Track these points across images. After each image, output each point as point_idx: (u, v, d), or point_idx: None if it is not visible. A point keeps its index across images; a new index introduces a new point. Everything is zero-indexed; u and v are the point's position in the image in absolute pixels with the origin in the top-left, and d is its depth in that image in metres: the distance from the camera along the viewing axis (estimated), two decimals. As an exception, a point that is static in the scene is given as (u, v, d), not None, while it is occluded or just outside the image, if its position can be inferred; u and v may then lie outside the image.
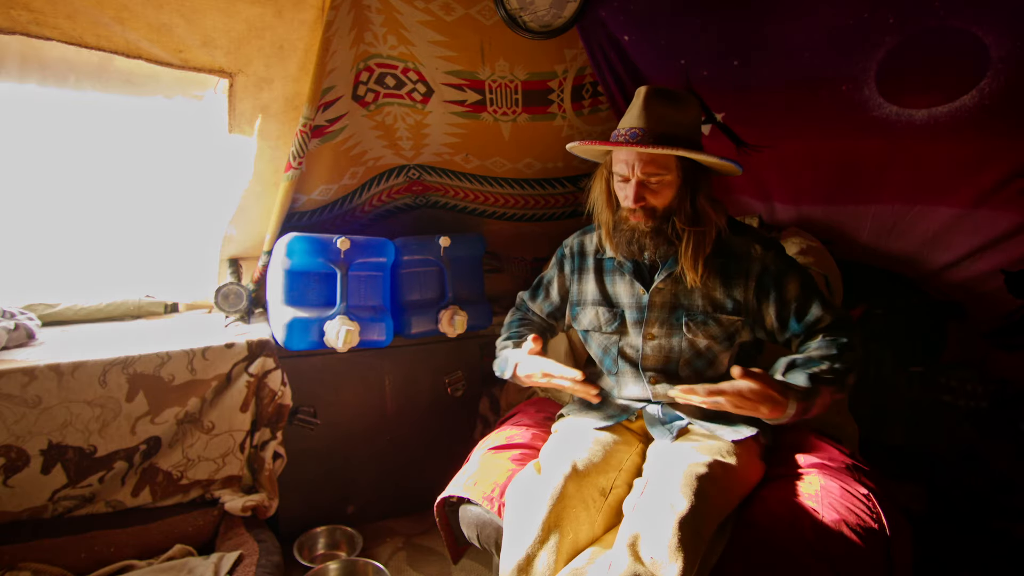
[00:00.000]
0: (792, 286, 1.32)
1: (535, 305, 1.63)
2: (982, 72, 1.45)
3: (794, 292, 1.32)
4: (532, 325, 1.62)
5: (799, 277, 1.33)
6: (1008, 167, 1.54)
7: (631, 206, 1.31)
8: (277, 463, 1.80)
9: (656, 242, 1.33)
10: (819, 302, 1.31)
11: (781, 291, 1.32)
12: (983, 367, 1.81)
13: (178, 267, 2.21)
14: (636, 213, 1.32)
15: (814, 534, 1.10)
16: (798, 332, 1.32)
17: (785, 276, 1.32)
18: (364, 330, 1.84)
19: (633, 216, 1.32)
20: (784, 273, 1.32)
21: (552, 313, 1.61)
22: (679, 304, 1.37)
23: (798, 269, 1.35)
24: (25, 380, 1.49)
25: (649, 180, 1.29)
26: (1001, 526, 1.74)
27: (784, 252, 1.37)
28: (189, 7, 1.59)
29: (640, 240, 1.33)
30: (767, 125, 1.80)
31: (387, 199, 2.40)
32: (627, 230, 1.35)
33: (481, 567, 1.83)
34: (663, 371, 1.38)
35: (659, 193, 1.31)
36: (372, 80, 1.97)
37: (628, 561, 1.00)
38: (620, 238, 1.37)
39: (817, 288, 1.33)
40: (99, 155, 2.00)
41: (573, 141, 1.42)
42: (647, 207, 1.31)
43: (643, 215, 1.31)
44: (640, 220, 1.32)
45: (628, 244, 1.35)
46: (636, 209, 1.31)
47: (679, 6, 1.72)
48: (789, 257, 1.37)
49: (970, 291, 1.78)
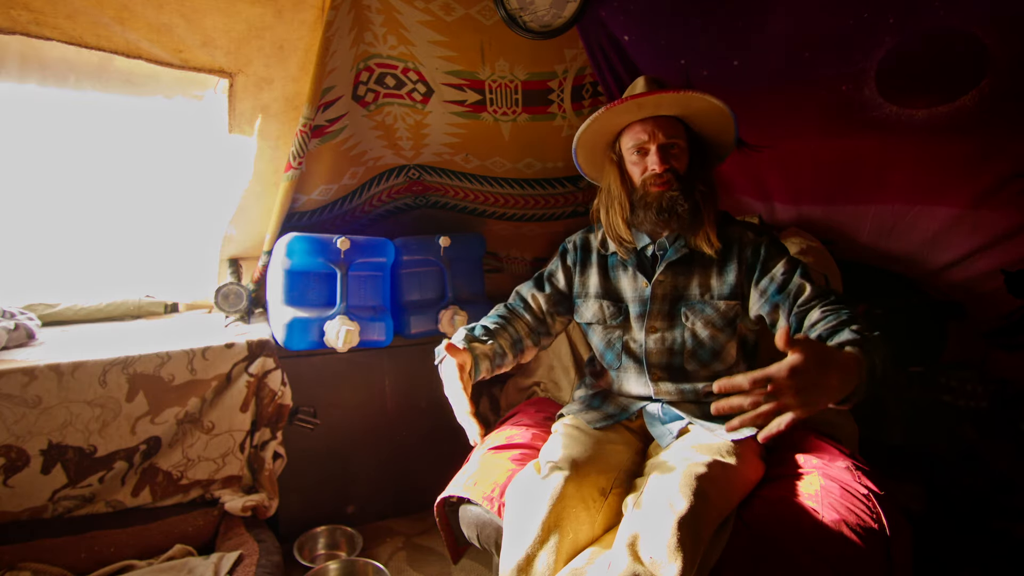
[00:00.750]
0: (779, 261, 1.32)
1: (536, 296, 1.53)
2: (982, 72, 1.45)
3: (784, 268, 1.31)
4: (508, 327, 1.47)
5: (787, 257, 1.33)
6: (1008, 167, 1.54)
7: (658, 169, 1.33)
8: (277, 463, 1.80)
9: (688, 206, 1.32)
10: (806, 279, 1.27)
11: (770, 268, 1.32)
12: (983, 367, 1.81)
13: (178, 267, 2.21)
14: (663, 177, 1.33)
15: (814, 534, 1.10)
16: (781, 301, 1.27)
17: (774, 256, 1.34)
18: (364, 330, 1.84)
19: (659, 182, 1.33)
20: (772, 256, 1.34)
21: (554, 303, 1.52)
22: (679, 295, 1.38)
23: (788, 253, 1.36)
24: (25, 380, 1.49)
25: (670, 144, 1.34)
26: (1001, 526, 1.74)
27: (777, 240, 1.39)
28: (189, 7, 1.59)
29: (671, 205, 1.32)
30: (767, 125, 1.80)
31: (387, 199, 2.40)
32: (654, 199, 1.34)
33: (481, 567, 1.83)
34: (667, 367, 1.39)
35: (679, 159, 1.35)
36: (372, 80, 1.97)
37: (627, 561, 1.00)
38: (646, 212, 1.35)
39: (808, 271, 1.30)
40: (99, 155, 2.00)
41: (573, 141, 1.43)
42: (672, 170, 1.34)
43: (671, 177, 1.33)
44: (668, 185, 1.33)
45: (659, 212, 1.34)
46: (663, 173, 1.33)
47: (679, 6, 1.72)
48: (782, 244, 1.39)
49: (970, 291, 1.78)
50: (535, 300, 1.53)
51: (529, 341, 1.49)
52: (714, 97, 1.30)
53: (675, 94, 1.31)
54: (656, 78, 1.43)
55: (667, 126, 1.35)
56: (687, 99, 1.32)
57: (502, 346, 1.41)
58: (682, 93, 1.30)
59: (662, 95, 1.31)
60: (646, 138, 1.35)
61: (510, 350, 1.43)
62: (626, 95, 1.37)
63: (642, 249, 1.44)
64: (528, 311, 1.53)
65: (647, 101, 1.33)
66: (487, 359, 1.35)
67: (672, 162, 1.34)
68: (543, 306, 1.52)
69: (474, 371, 1.29)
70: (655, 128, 1.34)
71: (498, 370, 1.40)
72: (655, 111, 1.36)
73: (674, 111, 1.36)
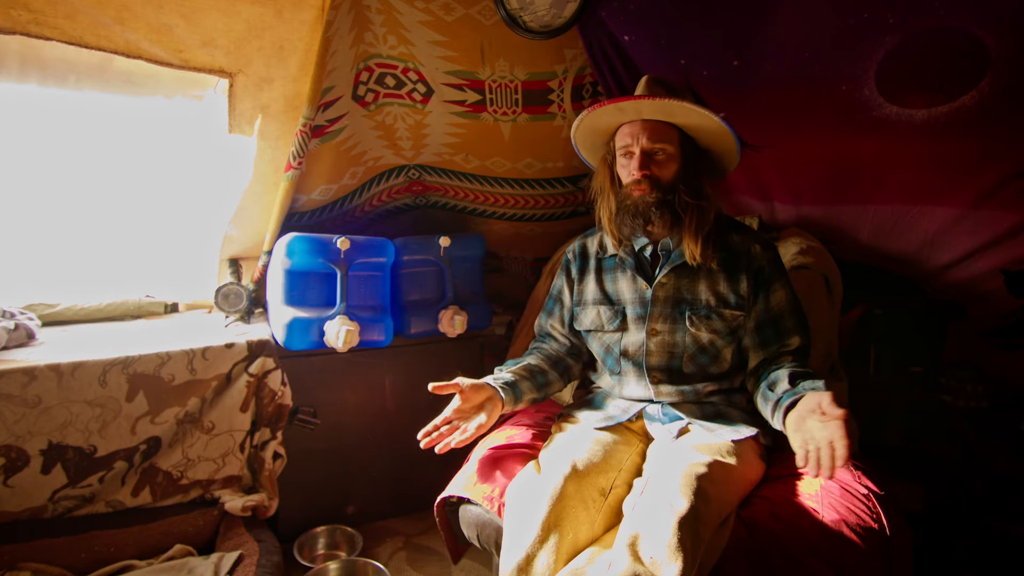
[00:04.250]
0: (780, 295, 1.36)
1: (552, 323, 1.55)
2: (982, 72, 1.45)
3: (779, 301, 1.36)
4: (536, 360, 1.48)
5: (788, 289, 1.38)
6: (1008, 167, 1.54)
7: (636, 175, 1.32)
8: (277, 463, 1.80)
9: (662, 214, 1.32)
10: (799, 321, 1.36)
11: (769, 296, 1.36)
12: (983, 367, 1.81)
13: (178, 267, 2.21)
14: (641, 184, 1.32)
15: (814, 534, 1.10)
16: (768, 343, 1.35)
17: (776, 282, 1.36)
18: (364, 330, 1.84)
19: (638, 188, 1.33)
20: (776, 279, 1.37)
21: (572, 320, 1.53)
22: (682, 298, 1.38)
23: (788, 281, 1.40)
24: (25, 380, 1.49)
25: (654, 149, 1.32)
26: (1001, 526, 1.74)
27: (780, 259, 1.42)
28: (189, 7, 1.59)
29: (645, 211, 1.33)
30: (767, 125, 1.80)
31: (387, 199, 2.40)
32: (631, 204, 1.34)
33: (481, 567, 1.83)
34: (667, 368, 1.38)
35: (663, 166, 1.33)
36: (372, 80, 1.97)
37: (628, 561, 1.00)
38: (624, 216, 1.36)
39: (800, 308, 1.38)
40: (99, 155, 2.00)
41: (572, 139, 1.43)
42: (651, 176, 1.32)
43: (648, 185, 1.32)
44: (645, 191, 1.32)
45: (633, 217, 1.34)
46: (641, 179, 1.32)
47: (679, 6, 1.72)
48: (783, 265, 1.42)
49: (970, 291, 1.78)
50: (557, 323, 1.56)
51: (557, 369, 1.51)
52: (700, 107, 1.26)
53: (652, 100, 1.28)
54: (660, 78, 1.40)
55: (655, 131, 1.32)
56: (667, 106, 1.29)
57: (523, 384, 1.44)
58: (662, 100, 1.27)
59: (642, 100, 1.29)
60: (631, 141, 1.34)
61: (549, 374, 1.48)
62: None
63: (640, 250, 1.44)
64: (552, 342, 1.56)
65: (627, 106, 1.32)
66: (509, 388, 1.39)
67: (653, 168, 1.32)
68: (564, 328, 1.55)
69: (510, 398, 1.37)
70: (642, 132, 1.33)
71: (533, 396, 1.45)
72: (636, 116, 1.34)
73: (658, 116, 1.33)
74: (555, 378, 1.49)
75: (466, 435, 1.29)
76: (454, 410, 1.32)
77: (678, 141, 1.34)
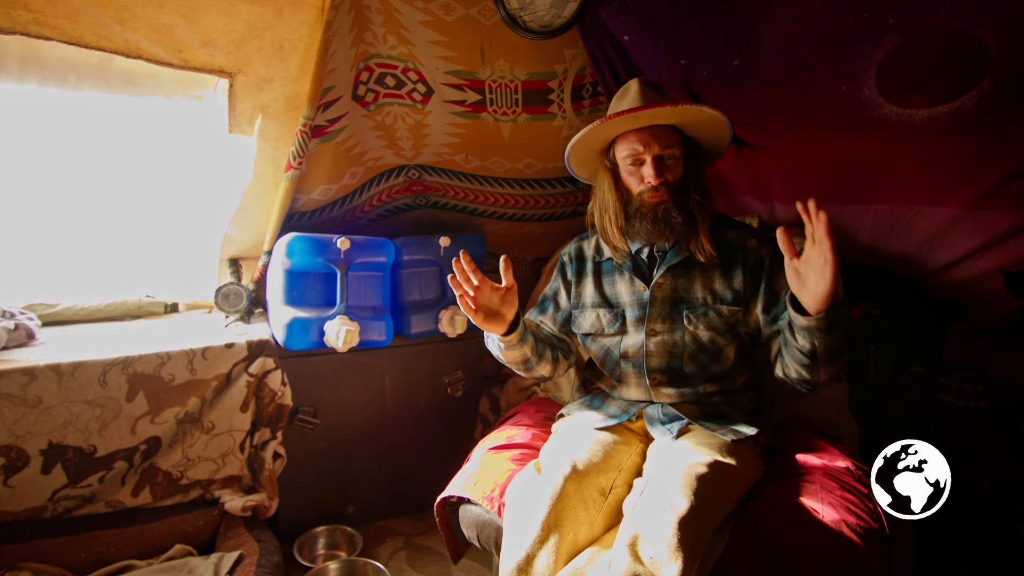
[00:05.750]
0: (784, 281, 1.32)
1: (544, 319, 1.56)
2: (982, 72, 1.45)
3: (784, 284, 1.31)
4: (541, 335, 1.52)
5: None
6: (1008, 167, 1.54)
7: (654, 182, 1.32)
8: (277, 463, 1.80)
9: (682, 214, 1.33)
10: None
11: (772, 283, 1.35)
12: (983, 367, 1.81)
13: (178, 267, 2.21)
14: (659, 190, 1.33)
15: (814, 534, 1.10)
16: (780, 318, 1.32)
17: (778, 271, 1.34)
18: (364, 330, 1.84)
19: (655, 195, 1.33)
20: (777, 267, 1.34)
21: (562, 323, 1.54)
22: (680, 298, 1.38)
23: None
24: (25, 380, 1.49)
25: (665, 155, 1.34)
26: (1001, 526, 1.74)
27: (778, 250, 1.38)
28: (189, 7, 1.59)
29: (667, 214, 1.33)
30: (767, 125, 1.80)
31: (387, 199, 2.40)
32: (649, 210, 1.34)
33: (481, 567, 1.83)
34: (667, 370, 1.38)
35: (673, 169, 1.35)
36: (372, 80, 1.97)
37: (628, 561, 1.00)
38: (641, 223, 1.35)
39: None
40: (99, 155, 2.00)
41: (566, 151, 1.43)
42: (667, 182, 1.34)
43: (665, 191, 1.33)
44: (663, 197, 1.33)
45: (654, 223, 1.34)
46: (658, 186, 1.32)
47: (679, 6, 1.72)
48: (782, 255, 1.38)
49: (970, 291, 1.77)
50: (549, 319, 1.55)
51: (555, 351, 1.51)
52: (710, 108, 1.29)
53: (672, 108, 1.30)
54: (650, 81, 1.42)
55: (663, 136, 1.34)
56: (683, 111, 1.31)
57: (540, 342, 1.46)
58: (679, 107, 1.30)
59: (657, 109, 1.30)
60: (641, 149, 1.34)
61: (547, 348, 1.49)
62: (618, 98, 1.37)
63: (637, 252, 1.44)
64: (545, 327, 1.56)
65: (643, 115, 1.32)
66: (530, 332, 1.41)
67: (667, 174, 1.34)
68: (556, 326, 1.54)
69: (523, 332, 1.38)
70: (651, 139, 1.33)
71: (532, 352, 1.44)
72: (651, 122, 1.35)
73: (670, 121, 1.35)
74: (548, 358, 1.48)
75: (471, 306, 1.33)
76: (489, 285, 1.33)
77: (681, 143, 1.36)
